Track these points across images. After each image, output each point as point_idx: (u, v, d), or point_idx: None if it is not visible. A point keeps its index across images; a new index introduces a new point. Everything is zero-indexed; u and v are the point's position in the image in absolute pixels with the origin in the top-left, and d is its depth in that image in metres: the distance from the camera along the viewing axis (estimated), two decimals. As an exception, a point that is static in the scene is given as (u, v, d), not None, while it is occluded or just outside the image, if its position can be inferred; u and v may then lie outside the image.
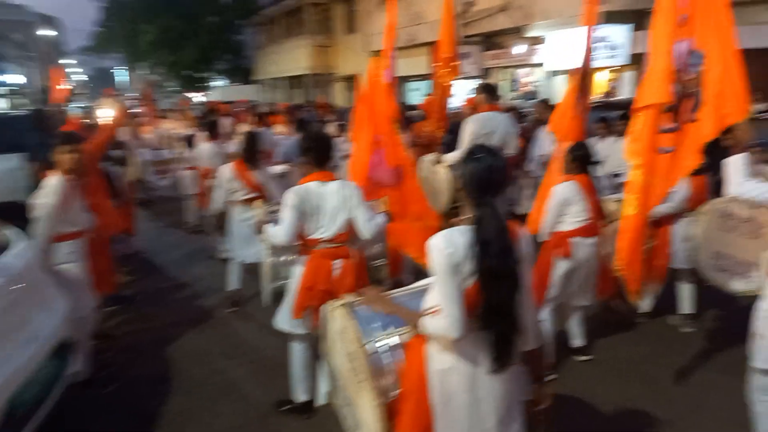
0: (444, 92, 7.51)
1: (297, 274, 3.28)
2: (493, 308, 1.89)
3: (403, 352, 2.18)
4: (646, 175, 3.25)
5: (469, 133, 5.27)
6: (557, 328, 4.05)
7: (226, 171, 4.89)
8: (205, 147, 6.55)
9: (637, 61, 14.75)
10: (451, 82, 7.49)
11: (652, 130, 3.21)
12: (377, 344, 2.18)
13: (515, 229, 2.00)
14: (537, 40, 17.02)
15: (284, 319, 3.38)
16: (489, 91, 5.65)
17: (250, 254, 4.92)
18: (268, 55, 35.79)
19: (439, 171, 5.73)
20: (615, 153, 6.84)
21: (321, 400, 3.16)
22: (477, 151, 2.00)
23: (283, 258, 3.61)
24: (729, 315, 4.70)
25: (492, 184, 1.94)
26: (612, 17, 14.36)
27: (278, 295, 3.63)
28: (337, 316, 2.44)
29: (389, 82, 6.44)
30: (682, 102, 3.15)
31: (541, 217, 3.86)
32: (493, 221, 1.90)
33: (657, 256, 4.35)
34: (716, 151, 4.28)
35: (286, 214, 3.11)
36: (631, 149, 3.35)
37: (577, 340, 4.11)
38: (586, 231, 3.79)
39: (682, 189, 4.27)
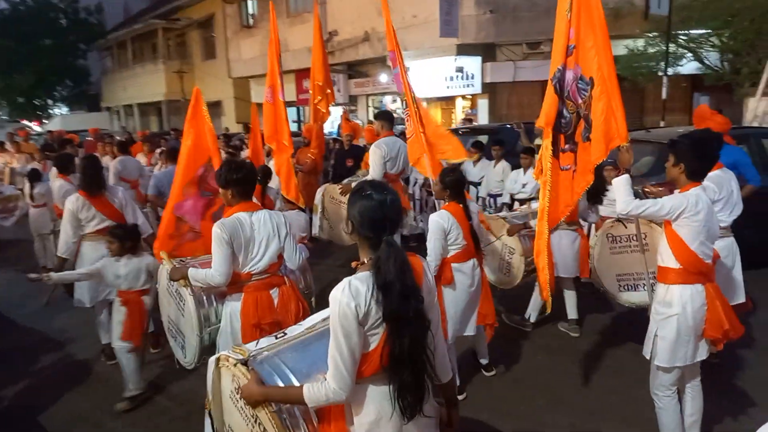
0: (321, 119, 7.61)
1: (231, 314, 3.03)
2: (402, 355, 1.77)
3: (315, 413, 2.00)
4: (551, 191, 3.48)
5: (379, 156, 5.37)
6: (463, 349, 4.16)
7: (75, 202, 4.37)
8: (57, 184, 5.85)
9: (487, 89, 16.15)
10: (329, 109, 7.63)
11: (548, 150, 3.47)
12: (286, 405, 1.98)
13: (417, 263, 1.93)
14: (399, 69, 17.82)
15: None
16: (387, 118, 5.84)
17: (96, 296, 4.48)
18: (117, 81, 33.40)
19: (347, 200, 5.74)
20: (491, 175, 7.39)
21: None
22: (364, 189, 1.87)
23: (208, 305, 3.26)
24: (609, 319, 5.23)
25: (386, 221, 1.83)
26: (463, 50, 15.59)
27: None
28: (230, 374, 2.13)
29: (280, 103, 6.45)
30: (578, 124, 3.46)
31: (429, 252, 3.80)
32: (393, 260, 1.78)
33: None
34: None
35: (219, 251, 2.88)
36: (537, 167, 3.64)
37: (483, 359, 4.28)
38: (463, 257, 3.81)
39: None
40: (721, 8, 11.16)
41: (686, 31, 12.30)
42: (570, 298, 4.95)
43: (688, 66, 12.94)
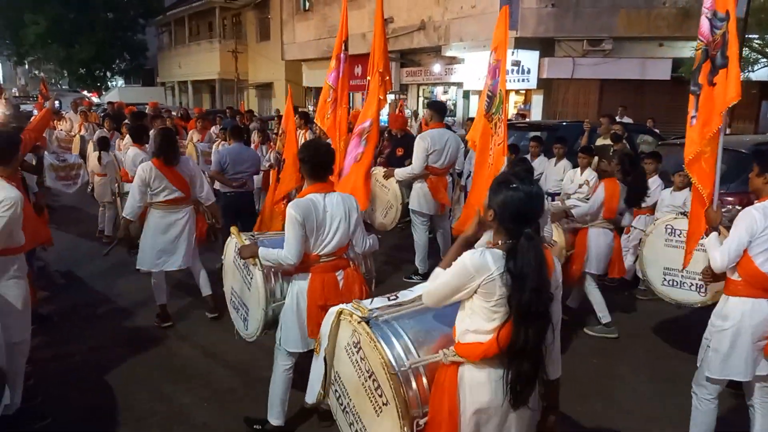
0: (380, 106, 7.58)
1: (299, 293, 3.06)
2: (525, 345, 1.85)
3: (428, 377, 2.11)
4: None
5: (422, 149, 5.32)
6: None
7: (147, 170, 4.51)
8: (132, 152, 6.04)
9: (543, 85, 15.81)
10: (386, 97, 7.60)
11: None
12: (405, 369, 2.10)
13: (549, 257, 1.97)
14: (454, 60, 17.64)
15: (295, 341, 3.11)
16: (438, 109, 5.79)
17: (172, 262, 4.68)
18: (173, 58, 34.22)
19: (391, 185, 5.72)
20: (551, 173, 7.23)
21: (310, 399, 2.93)
22: (511, 180, 1.95)
23: (275, 280, 3.29)
24: (647, 318, 5.09)
25: (529, 215, 1.90)
26: (521, 43, 15.29)
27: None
28: (350, 329, 2.31)
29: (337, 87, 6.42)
30: (703, 64, 3.29)
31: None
32: (532, 254, 1.84)
33: (574, 261, 4.70)
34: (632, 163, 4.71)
35: (293, 232, 2.90)
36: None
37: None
38: None
39: (598, 197, 4.61)
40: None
41: (762, 36, 11.72)
42: (596, 298, 4.82)
43: (759, 72, 12.35)
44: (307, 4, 23.87)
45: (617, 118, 10.17)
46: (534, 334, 1.86)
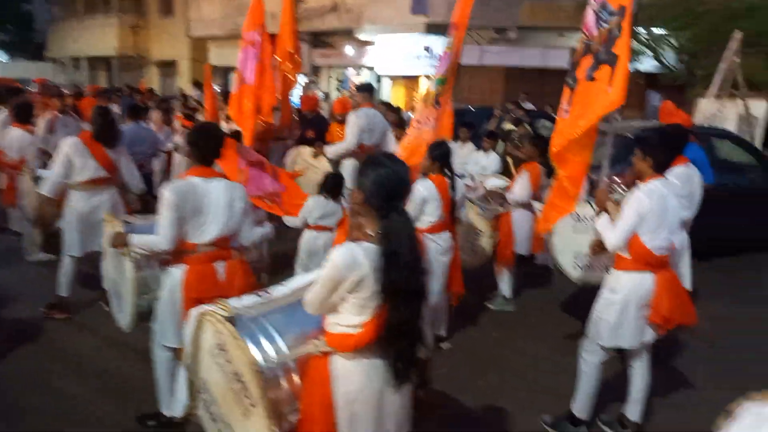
0: (289, 87, 7.42)
1: (173, 285, 2.87)
2: (399, 326, 1.84)
3: (298, 372, 2.03)
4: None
5: (356, 126, 5.32)
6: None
7: (73, 145, 4.19)
8: (15, 134, 5.52)
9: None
10: (296, 77, 7.46)
11: None
12: (271, 366, 1.99)
13: (421, 238, 2.01)
14: (367, 43, 17.62)
15: (171, 335, 2.90)
16: (369, 90, 5.82)
17: (95, 243, 4.31)
18: (66, 31, 31.52)
19: (321, 164, 5.69)
20: (456, 156, 7.43)
21: (178, 411, 2.82)
22: (380, 158, 1.93)
23: (150, 269, 3.10)
24: (553, 295, 5.44)
25: (398, 192, 1.88)
26: (432, 29, 15.55)
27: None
28: (213, 330, 2.11)
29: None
30: (582, 58, 3.42)
31: None
32: (404, 230, 1.83)
33: (505, 246, 4.92)
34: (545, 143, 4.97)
35: (166, 215, 2.72)
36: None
37: (442, 330, 4.37)
38: (438, 229, 3.93)
39: (525, 184, 4.83)
40: (684, 10, 11.51)
41: (648, 29, 12.65)
42: (510, 277, 5.11)
43: (645, 63, 13.34)
44: (214, -21, 22.81)
45: (520, 104, 10.63)
46: (410, 313, 1.84)
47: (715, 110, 9.43)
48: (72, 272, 4.51)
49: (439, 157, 3.96)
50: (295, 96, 16.04)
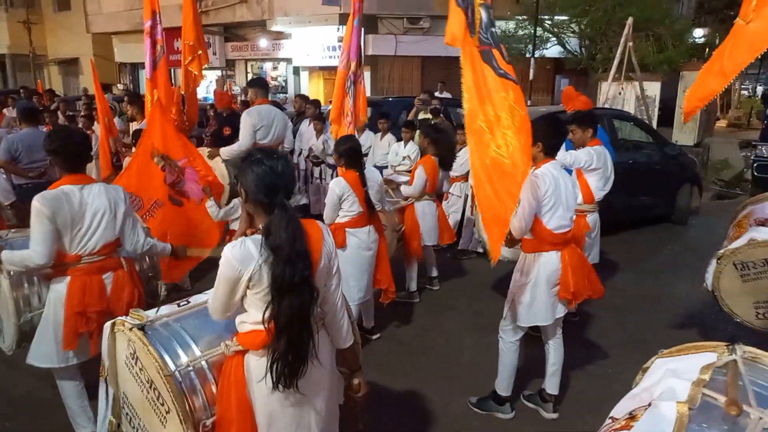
0: (194, 82, 7.13)
1: (56, 300, 2.72)
2: (282, 322, 1.80)
3: (213, 375, 2.02)
4: None
5: (249, 125, 5.16)
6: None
7: None
8: None
9: (369, 62, 16.23)
10: (202, 72, 7.19)
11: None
12: (183, 370, 1.97)
13: (315, 229, 1.96)
14: (281, 35, 17.31)
15: (46, 355, 2.77)
16: (261, 85, 5.63)
17: None
18: (-53, 28, 28.72)
19: (216, 165, 5.48)
20: (377, 147, 7.51)
21: (103, 430, 2.72)
22: (257, 154, 1.91)
23: (28, 286, 2.89)
24: (474, 280, 5.64)
25: (279, 186, 1.86)
26: (345, 20, 15.49)
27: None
28: (125, 339, 2.10)
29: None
30: None
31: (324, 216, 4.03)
32: (286, 225, 1.80)
33: (412, 237, 5.00)
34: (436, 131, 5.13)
35: (39, 228, 2.56)
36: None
37: (369, 323, 4.43)
38: (358, 223, 4.00)
39: (420, 177, 4.97)
40: (580, -3, 12.20)
41: (551, 17, 13.25)
42: (431, 260, 5.32)
43: (552, 50, 13.98)
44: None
45: (437, 93, 10.84)
46: (292, 309, 1.80)
47: (615, 92, 10.08)
48: None
49: (346, 153, 3.96)
50: (209, 90, 15.64)
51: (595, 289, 3.37)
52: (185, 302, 2.27)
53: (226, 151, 5.43)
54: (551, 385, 3.48)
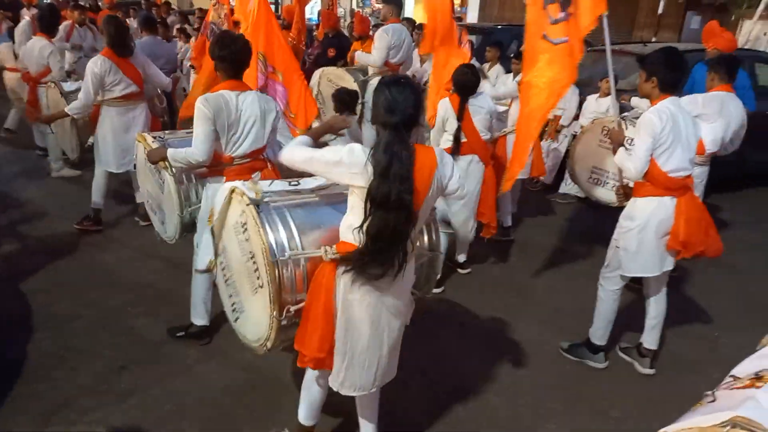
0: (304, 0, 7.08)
1: (213, 198, 2.85)
2: (376, 231, 1.87)
3: (306, 271, 2.15)
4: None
5: (385, 42, 5.20)
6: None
7: (102, 63, 4.17)
8: (37, 44, 5.40)
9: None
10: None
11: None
12: (284, 260, 2.11)
13: (428, 155, 1.98)
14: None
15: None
16: (396, 3, 5.60)
17: (124, 162, 4.45)
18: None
19: (346, 78, 5.61)
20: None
21: (201, 265, 3.01)
22: (387, 79, 2.00)
23: (188, 183, 3.13)
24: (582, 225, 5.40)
25: (399, 109, 1.89)
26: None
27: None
28: (240, 209, 2.27)
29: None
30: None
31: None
32: (390, 145, 1.87)
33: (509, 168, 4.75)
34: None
35: (201, 128, 2.76)
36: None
37: (461, 256, 4.38)
38: (462, 150, 3.95)
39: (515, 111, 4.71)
40: None
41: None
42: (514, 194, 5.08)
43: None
44: None
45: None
46: (385, 223, 1.85)
47: (760, 33, 8.90)
48: (105, 185, 4.62)
49: (458, 84, 3.96)
50: (314, 12, 15.54)
51: (712, 247, 3.08)
52: (295, 182, 2.41)
53: (360, 56, 5.51)
54: (650, 339, 3.31)
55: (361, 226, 1.88)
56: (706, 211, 3.11)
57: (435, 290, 3.77)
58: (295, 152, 2.09)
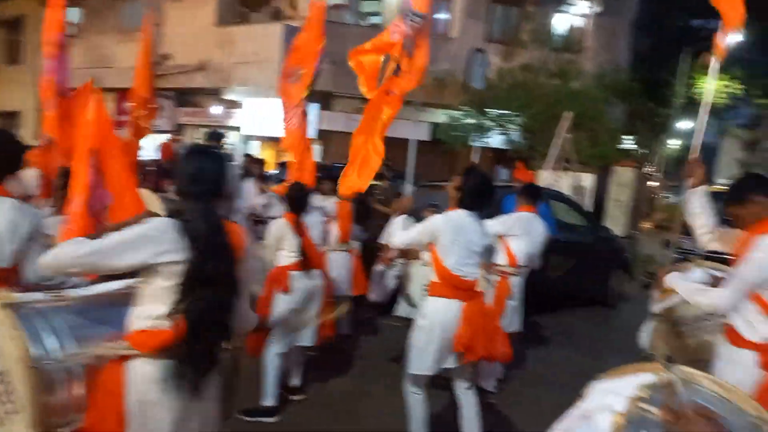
0: (140, 133, 6.99)
1: None
2: (199, 320, 1.67)
3: (83, 381, 1.76)
4: None
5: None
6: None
7: None
8: None
9: (322, 136, 16.56)
10: (150, 124, 7.07)
11: None
12: (50, 366, 1.70)
13: (234, 228, 1.87)
14: (233, 104, 17.53)
15: None
16: (217, 139, 5.74)
17: None
18: None
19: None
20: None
21: None
22: (195, 149, 2.02)
23: None
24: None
25: (206, 181, 1.80)
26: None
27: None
28: None
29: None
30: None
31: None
32: (207, 216, 1.75)
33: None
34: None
35: None
36: None
37: (295, 379, 4.13)
38: (299, 266, 3.89)
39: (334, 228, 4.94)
40: (524, 92, 13.09)
41: (495, 109, 14.10)
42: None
43: (495, 140, 14.74)
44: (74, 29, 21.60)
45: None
46: (209, 301, 1.69)
47: (552, 181, 10.57)
48: None
49: (294, 199, 4.08)
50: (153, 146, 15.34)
51: (499, 351, 3.21)
52: (56, 293, 1.98)
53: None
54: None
55: (175, 312, 1.64)
56: (494, 317, 3.32)
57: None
58: (67, 248, 1.70)
